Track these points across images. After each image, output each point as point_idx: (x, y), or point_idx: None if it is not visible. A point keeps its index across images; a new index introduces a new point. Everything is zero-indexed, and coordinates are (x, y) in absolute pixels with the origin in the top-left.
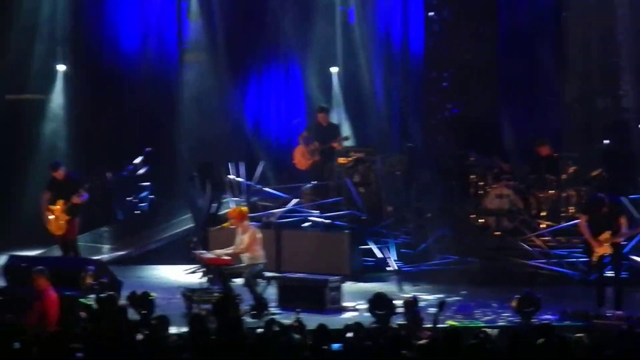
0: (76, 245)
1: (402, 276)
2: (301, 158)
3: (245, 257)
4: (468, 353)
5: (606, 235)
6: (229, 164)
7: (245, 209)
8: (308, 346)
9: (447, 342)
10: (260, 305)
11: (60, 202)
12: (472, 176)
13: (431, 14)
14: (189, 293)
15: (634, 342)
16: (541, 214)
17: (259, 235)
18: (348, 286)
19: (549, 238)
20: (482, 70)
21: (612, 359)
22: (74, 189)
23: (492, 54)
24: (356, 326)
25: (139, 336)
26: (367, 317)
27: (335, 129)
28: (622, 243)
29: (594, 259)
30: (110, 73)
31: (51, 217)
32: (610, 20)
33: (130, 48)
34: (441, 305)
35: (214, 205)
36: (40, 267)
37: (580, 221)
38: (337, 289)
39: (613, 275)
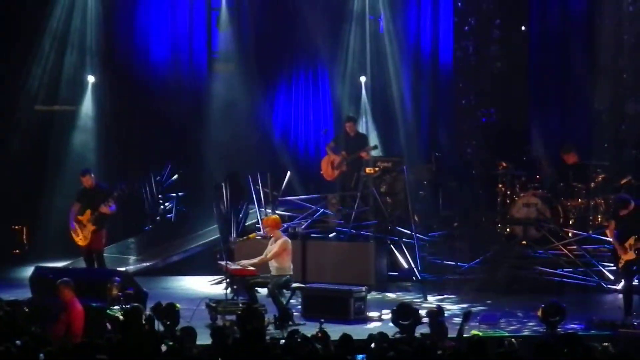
0: (102, 256)
1: (427, 286)
2: (328, 168)
3: (273, 267)
4: None
5: (631, 240)
6: (257, 173)
7: (278, 218)
8: (332, 356)
9: (472, 352)
10: (284, 316)
11: (88, 212)
12: (499, 185)
13: (460, 23)
14: (214, 304)
15: None
16: (569, 222)
17: (290, 245)
18: (373, 296)
19: (576, 247)
20: (512, 78)
21: None
22: (103, 199)
23: (522, 61)
24: (380, 336)
25: (164, 347)
26: (391, 328)
27: (363, 139)
28: None
29: (620, 265)
30: (140, 83)
31: (78, 229)
32: None
33: (160, 58)
34: (466, 316)
35: (241, 215)
36: (65, 278)
37: (609, 227)
38: (362, 299)
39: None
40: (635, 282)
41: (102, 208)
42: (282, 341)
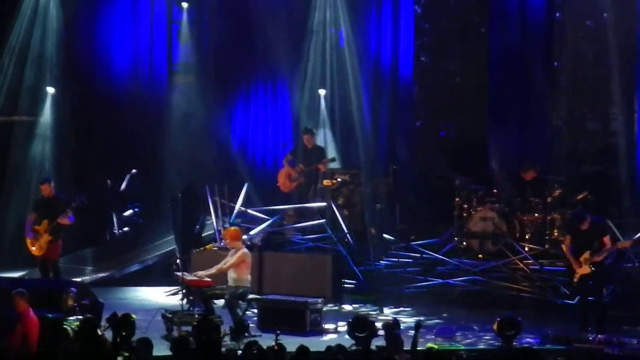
0: (57, 266)
1: (384, 298)
2: (285, 180)
3: (231, 278)
4: None
5: (586, 255)
6: (214, 185)
7: (238, 229)
8: None
9: None
10: (240, 327)
11: (45, 222)
12: (456, 198)
13: (420, 38)
14: (170, 315)
15: None
16: (525, 236)
17: (250, 258)
18: (329, 308)
19: (532, 261)
20: (471, 93)
21: None
22: (61, 209)
23: (482, 77)
24: (337, 348)
25: (120, 359)
26: (347, 340)
27: (320, 152)
28: (604, 263)
29: (575, 279)
30: (100, 95)
31: (34, 239)
32: (601, 44)
33: (120, 69)
34: (418, 326)
35: (197, 226)
36: (20, 289)
37: (565, 242)
38: (318, 311)
39: (596, 300)
40: (590, 298)
41: (61, 219)
42: (239, 352)
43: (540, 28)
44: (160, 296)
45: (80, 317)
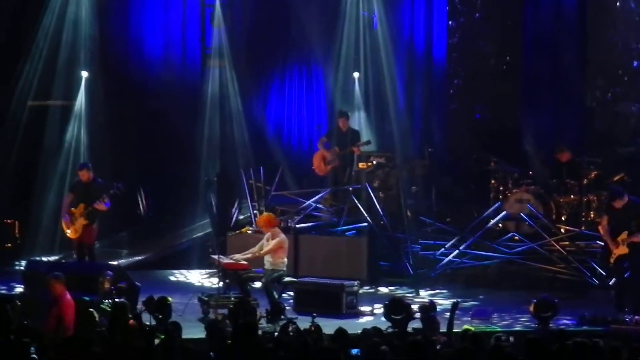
0: (93, 250)
1: (419, 280)
2: (320, 163)
3: (268, 262)
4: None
5: (623, 235)
6: (250, 168)
7: (271, 216)
8: (325, 350)
9: (469, 346)
10: (276, 310)
11: (82, 205)
12: (492, 181)
13: (454, 21)
14: (206, 298)
15: None
16: (562, 218)
17: (287, 243)
18: (365, 291)
19: (568, 243)
20: (505, 75)
21: None
22: (98, 194)
23: (516, 59)
24: (373, 330)
25: (156, 341)
26: (384, 322)
27: (355, 134)
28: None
29: (612, 260)
30: (134, 79)
31: (69, 221)
32: (634, 26)
33: (153, 54)
34: (454, 307)
35: (233, 210)
36: (56, 272)
37: (601, 223)
38: (354, 293)
39: (632, 280)
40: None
41: (97, 204)
42: (275, 334)
43: (574, 9)
44: (196, 279)
45: (116, 299)
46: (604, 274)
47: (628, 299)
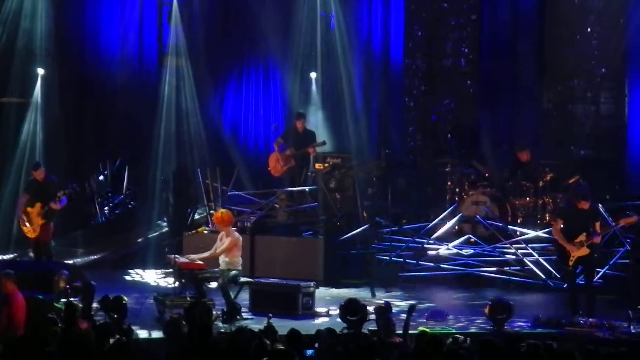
0: (49, 248)
1: (376, 282)
2: (276, 164)
3: (223, 262)
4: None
5: (582, 237)
6: (206, 168)
7: (229, 213)
8: (279, 352)
9: (426, 348)
10: (232, 310)
11: (38, 205)
12: (449, 183)
13: (411, 21)
14: (162, 297)
15: (604, 348)
16: (517, 220)
17: (241, 241)
18: (321, 292)
19: (524, 245)
20: (462, 77)
21: None
22: (53, 192)
23: (473, 60)
24: (327, 332)
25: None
26: (339, 323)
27: (311, 135)
28: (598, 245)
29: (570, 263)
30: (91, 76)
31: (26, 220)
32: (591, 26)
33: (110, 52)
34: (411, 309)
35: (189, 209)
36: (7, 270)
37: (555, 226)
38: (310, 294)
39: (585, 282)
40: (581, 282)
41: (52, 204)
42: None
43: (531, 11)
44: (152, 279)
45: (72, 299)
46: (559, 276)
47: (582, 302)
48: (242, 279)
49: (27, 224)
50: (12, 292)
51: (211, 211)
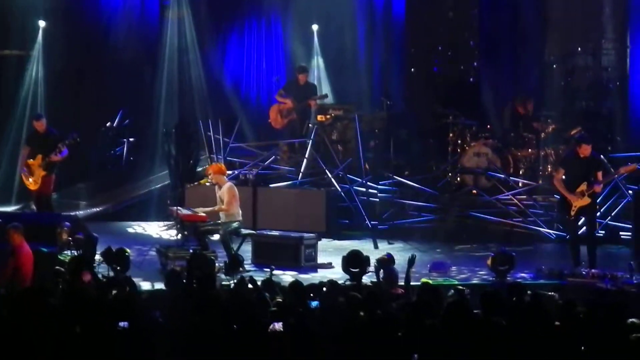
0: (50, 202)
1: (378, 234)
2: (277, 117)
3: (222, 214)
4: (448, 310)
5: (583, 186)
6: (208, 120)
7: (222, 165)
8: (281, 304)
9: (426, 299)
10: (234, 262)
11: (39, 157)
12: (450, 134)
13: None
14: (164, 249)
15: (606, 299)
16: (519, 172)
17: (236, 191)
18: (324, 244)
19: (526, 196)
20: (463, 28)
21: (583, 316)
22: (53, 144)
23: (474, 11)
24: (329, 283)
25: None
26: (342, 275)
27: (312, 88)
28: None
29: (572, 213)
30: (92, 29)
31: (28, 173)
32: None
33: (112, 3)
34: (411, 261)
35: (191, 161)
36: (14, 222)
37: (556, 176)
38: (313, 246)
39: (587, 233)
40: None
41: (53, 156)
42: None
43: None
44: (154, 231)
45: (75, 251)
46: (561, 227)
47: (584, 252)
48: (244, 231)
49: (30, 177)
50: (20, 244)
51: (213, 163)
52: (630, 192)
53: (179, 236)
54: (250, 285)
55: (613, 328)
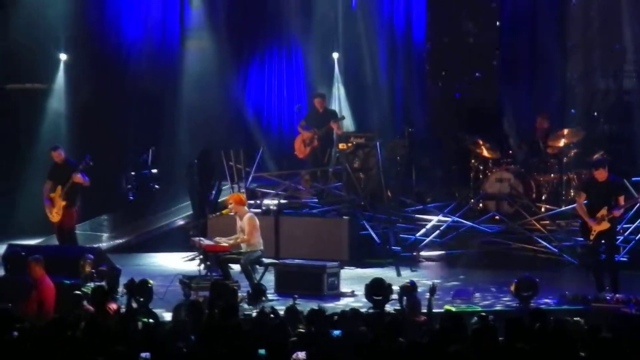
0: (74, 234)
1: (401, 262)
2: (301, 146)
3: (243, 244)
4: (473, 337)
5: (603, 211)
6: (230, 150)
7: (243, 195)
8: (304, 333)
9: (450, 326)
10: (257, 292)
11: (58, 188)
12: (472, 160)
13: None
14: (187, 280)
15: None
16: (542, 197)
17: (257, 221)
18: (346, 272)
19: (549, 222)
20: (484, 53)
21: (609, 342)
22: (71, 174)
23: (494, 36)
24: (352, 312)
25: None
26: (365, 303)
27: (332, 114)
28: (618, 218)
29: (592, 237)
30: (113, 61)
31: (52, 206)
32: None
33: (132, 36)
34: (432, 289)
35: (214, 192)
36: (36, 255)
37: (578, 200)
38: (336, 274)
39: (608, 258)
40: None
41: (75, 177)
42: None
43: None
44: (177, 262)
45: (98, 283)
46: (584, 252)
47: (606, 277)
48: (267, 260)
49: (52, 210)
50: (41, 277)
51: (233, 193)
52: None
53: (202, 267)
54: (272, 315)
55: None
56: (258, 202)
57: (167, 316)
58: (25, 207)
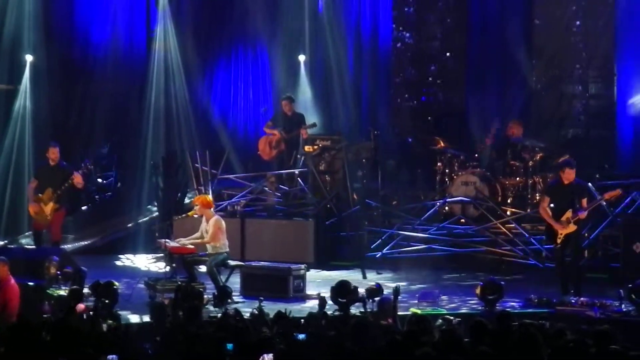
0: (58, 241)
1: (367, 264)
2: (265, 147)
3: (209, 246)
4: (440, 340)
5: (568, 214)
6: (195, 151)
7: (209, 197)
8: (266, 336)
9: (415, 329)
10: (222, 294)
11: (49, 190)
12: (438, 163)
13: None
14: (152, 282)
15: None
16: (507, 200)
17: (223, 223)
18: (312, 274)
19: (514, 225)
20: (450, 58)
21: (573, 345)
22: (63, 178)
23: (461, 41)
24: (318, 314)
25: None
26: (330, 305)
27: (300, 118)
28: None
29: (558, 241)
30: (79, 62)
31: (36, 205)
32: (580, 6)
33: (99, 37)
34: (396, 291)
35: (179, 193)
36: (0, 256)
37: (542, 204)
38: (301, 277)
39: (574, 261)
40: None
41: (76, 177)
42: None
43: None
44: (143, 263)
45: (63, 285)
46: (549, 255)
47: (570, 281)
48: (233, 263)
49: (40, 212)
50: (6, 278)
51: (200, 195)
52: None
53: (168, 268)
54: (237, 318)
55: (601, 356)
56: (224, 203)
57: (133, 318)
58: None
